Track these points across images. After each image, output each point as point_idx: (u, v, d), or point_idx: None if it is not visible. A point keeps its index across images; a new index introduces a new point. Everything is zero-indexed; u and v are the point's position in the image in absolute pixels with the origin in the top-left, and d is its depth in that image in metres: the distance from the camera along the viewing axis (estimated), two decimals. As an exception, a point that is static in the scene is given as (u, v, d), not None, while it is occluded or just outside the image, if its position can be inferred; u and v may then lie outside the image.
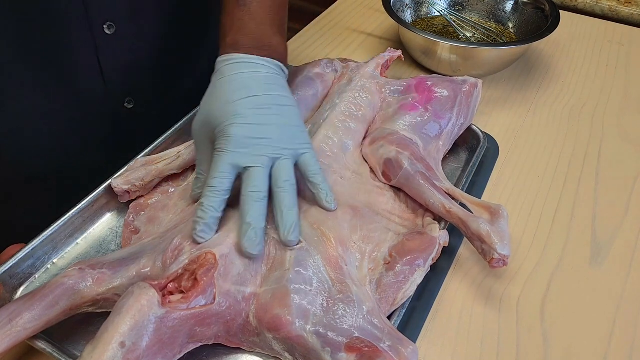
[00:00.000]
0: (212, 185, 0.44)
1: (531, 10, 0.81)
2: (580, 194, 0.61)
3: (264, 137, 0.45)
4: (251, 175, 0.44)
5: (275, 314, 0.40)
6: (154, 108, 0.66)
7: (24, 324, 0.39)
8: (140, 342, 0.35)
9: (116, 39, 0.56)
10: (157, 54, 0.62)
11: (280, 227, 0.44)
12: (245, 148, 0.45)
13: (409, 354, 0.39)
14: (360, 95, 0.61)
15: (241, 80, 0.48)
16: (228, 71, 0.49)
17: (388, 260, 0.46)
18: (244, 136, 0.45)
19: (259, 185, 0.44)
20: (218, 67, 0.50)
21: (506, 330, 0.47)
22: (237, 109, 0.46)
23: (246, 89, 0.47)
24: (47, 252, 0.49)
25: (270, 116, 0.47)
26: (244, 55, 0.49)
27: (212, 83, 0.50)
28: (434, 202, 0.50)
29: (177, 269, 0.40)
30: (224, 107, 0.46)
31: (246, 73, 0.48)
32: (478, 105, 0.63)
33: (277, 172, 0.45)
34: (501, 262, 0.46)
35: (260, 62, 0.49)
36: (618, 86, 0.79)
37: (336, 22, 0.92)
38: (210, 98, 0.48)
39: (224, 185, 0.44)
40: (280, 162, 0.45)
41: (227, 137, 0.45)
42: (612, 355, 0.46)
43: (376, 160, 0.55)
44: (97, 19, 0.54)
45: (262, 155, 0.45)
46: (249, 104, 0.46)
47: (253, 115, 0.46)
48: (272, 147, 0.45)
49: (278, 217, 0.44)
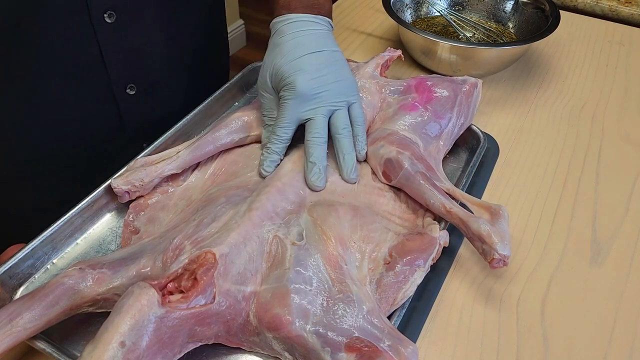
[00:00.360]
0: (278, 134, 0.53)
1: (531, 10, 0.81)
2: (580, 194, 0.61)
3: (324, 90, 0.52)
4: (313, 123, 0.52)
5: (275, 314, 0.40)
6: (156, 94, 0.68)
7: (24, 324, 0.39)
8: (140, 341, 0.35)
9: (116, 27, 0.58)
10: (157, 41, 0.64)
11: (343, 168, 0.53)
12: (308, 101, 0.52)
13: (409, 354, 0.39)
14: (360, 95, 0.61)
15: (300, 38, 0.54)
16: (287, 30, 0.55)
17: (388, 260, 0.46)
18: (307, 90, 0.52)
19: (320, 132, 0.52)
20: (277, 27, 0.56)
21: (506, 330, 0.47)
22: (300, 65, 0.52)
23: (305, 46, 0.54)
24: (46, 252, 0.49)
25: (327, 71, 0.53)
26: (298, 15, 0.55)
27: (272, 42, 0.56)
28: (435, 202, 0.50)
29: (177, 268, 0.40)
30: (288, 63, 0.53)
31: (303, 31, 0.55)
32: (478, 105, 0.63)
33: (336, 120, 0.53)
34: (501, 263, 0.46)
35: (313, 20, 0.56)
36: (618, 86, 0.79)
37: (336, 22, 0.92)
38: (274, 54, 0.55)
39: (287, 135, 0.53)
40: (337, 112, 0.53)
41: (293, 91, 0.52)
42: (612, 355, 0.46)
43: (376, 161, 0.55)
44: (97, 8, 0.55)
45: (322, 107, 0.52)
46: (309, 60, 0.53)
47: (313, 71, 0.53)
48: (330, 99, 0.53)
49: (340, 159, 0.53)
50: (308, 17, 0.55)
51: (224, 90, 0.67)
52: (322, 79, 0.53)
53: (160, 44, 0.64)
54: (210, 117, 0.66)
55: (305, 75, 0.52)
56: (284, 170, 0.53)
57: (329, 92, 0.53)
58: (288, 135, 0.53)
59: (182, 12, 0.66)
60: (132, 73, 0.63)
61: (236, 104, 0.70)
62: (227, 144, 0.58)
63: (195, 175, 0.57)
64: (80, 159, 0.65)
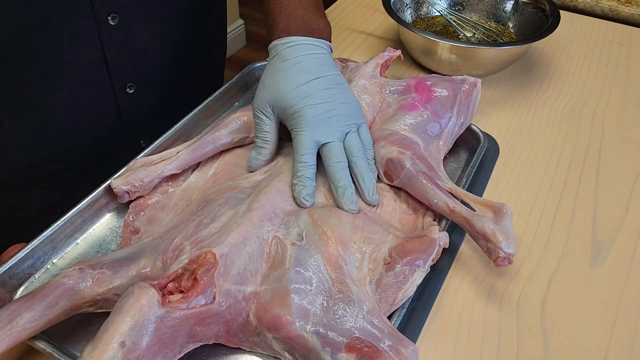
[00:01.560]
0: (303, 161, 0.51)
1: (531, 10, 0.81)
2: (580, 194, 0.61)
3: (334, 115, 0.52)
4: (332, 149, 0.51)
5: (275, 314, 0.40)
6: (154, 92, 0.68)
7: (24, 324, 0.39)
8: (140, 341, 0.35)
9: (119, 29, 0.58)
10: (158, 42, 0.65)
11: (365, 191, 0.52)
12: (321, 126, 0.51)
13: (409, 354, 0.39)
14: (360, 95, 0.61)
15: (303, 64, 0.53)
16: (289, 54, 0.53)
17: (388, 261, 0.46)
18: (317, 115, 0.51)
19: (340, 156, 0.51)
20: (277, 50, 0.54)
21: (506, 330, 0.47)
22: (307, 91, 0.51)
23: (309, 72, 0.53)
24: (46, 252, 0.49)
25: (334, 95, 0.53)
26: (300, 38, 0.54)
27: (273, 65, 0.54)
28: (438, 202, 0.50)
29: (177, 268, 0.40)
30: (293, 90, 0.51)
31: (305, 55, 0.53)
32: (478, 105, 0.63)
33: (350, 143, 0.52)
34: (506, 261, 0.46)
35: (315, 44, 0.55)
36: (618, 86, 0.79)
37: (336, 22, 0.92)
38: (277, 80, 0.53)
39: (312, 160, 0.51)
40: (350, 135, 0.52)
41: (304, 118, 0.51)
42: (612, 355, 0.46)
43: (378, 161, 0.55)
44: (102, 11, 0.56)
45: (336, 131, 0.52)
46: (316, 86, 0.52)
47: (321, 96, 0.52)
48: (341, 122, 0.52)
49: (360, 182, 0.52)
50: (310, 40, 0.54)
51: (224, 90, 0.67)
52: (330, 104, 0.52)
53: (159, 44, 0.65)
54: (210, 117, 0.66)
55: (312, 101, 0.51)
56: (283, 171, 0.53)
57: (340, 116, 0.52)
58: (313, 160, 0.51)
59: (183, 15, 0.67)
60: (132, 72, 0.64)
61: (236, 104, 0.70)
62: (227, 144, 0.58)
63: (195, 176, 0.57)
64: (80, 158, 0.66)
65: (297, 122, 0.51)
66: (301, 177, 0.50)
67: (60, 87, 0.58)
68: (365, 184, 0.52)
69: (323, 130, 0.51)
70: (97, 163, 0.63)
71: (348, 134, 0.52)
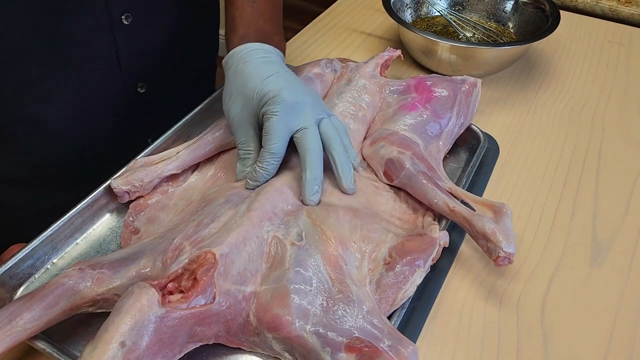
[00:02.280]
0: (271, 151, 0.49)
1: (531, 10, 0.81)
2: (580, 194, 0.61)
3: (309, 102, 0.51)
4: (306, 134, 0.50)
5: (275, 314, 0.40)
6: (164, 92, 0.69)
7: (24, 324, 0.39)
8: (140, 341, 0.35)
9: (132, 28, 0.59)
10: (168, 42, 0.66)
11: (342, 179, 0.51)
12: (296, 111, 0.50)
13: (409, 354, 0.39)
14: (360, 95, 0.61)
15: (264, 61, 0.53)
16: (250, 56, 0.53)
17: (388, 261, 0.46)
18: (292, 100, 0.50)
19: (315, 144, 0.50)
20: (238, 54, 0.54)
21: (506, 330, 0.47)
22: (277, 80, 0.51)
23: (273, 66, 0.53)
24: (47, 252, 0.49)
25: (301, 86, 0.53)
26: (259, 44, 0.54)
27: (233, 69, 0.54)
28: (438, 202, 0.50)
29: (177, 268, 0.40)
30: (262, 82, 0.51)
31: (266, 57, 0.54)
32: (478, 105, 0.63)
33: (325, 131, 0.51)
34: (506, 260, 0.46)
35: (272, 50, 0.55)
36: (618, 86, 0.79)
37: (336, 22, 0.92)
38: (241, 80, 0.52)
39: (281, 150, 0.50)
40: (323, 122, 0.52)
41: (279, 103, 0.49)
42: (612, 355, 0.46)
43: (377, 161, 0.55)
44: (116, 10, 0.57)
45: (311, 117, 0.51)
46: (284, 77, 0.52)
47: (291, 86, 0.51)
48: (314, 109, 0.51)
49: (338, 170, 0.51)
50: (268, 46, 0.55)
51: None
52: (303, 92, 0.52)
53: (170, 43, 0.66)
54: (210, 117, 0.66)
55: (288, 86, 0.51)
56: (283, 171, 0.53)
57: (313, 103, 0.52)
58: (281, 150, 0.50)
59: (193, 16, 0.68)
60: (143, 72, 0.65)
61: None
62: (227, 144, 0.58)
63: (195, 176, 0.57)
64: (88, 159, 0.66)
65: (271, 109, 0.50)
66: (264, 168, 0.50)
67: (74, 86, 0.59)
68: (344, 173, 0.51)
69: (298, 114, 0.50)
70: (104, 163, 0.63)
71: (322, 120, 0.52)
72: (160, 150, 0.58)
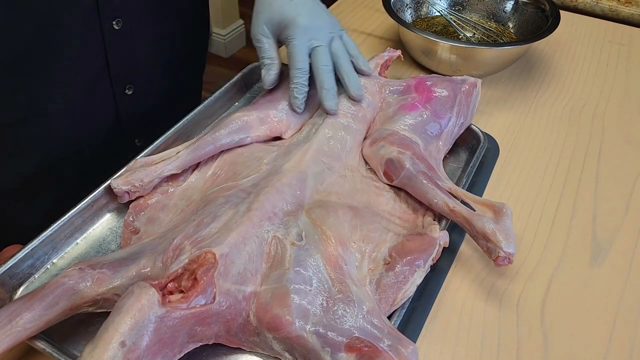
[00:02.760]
0: (298, 67, 0.58)
1: (531, 10, 0.81)
2: (580, 194, 0.61)
3: (321, 23, 0.60)
4: (319, 52, 0.58)
5: (275, 314, 0.40)
6: (152, 93, 0.70)
7: (24, 324, 0.39)
8: (141, 341, 0.35)
9: (123, 34, 0.60)
10: (157, 46, 0.67)
11: (350, 87, 0.59)
12: (311, 32, 0.58)
13: (409, 354, 0.39)
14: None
15: None
16: None
17: (388, 261, 0.46)
18: (308, 24, 0.58)
19: (326, 60, 0.59)
20: None
21: (506, 330, 0.47)
22: (297, 6, 0.59)
23: None
24: (46, 252, 0.49)
25: (318, 9, 0.61)
26: None
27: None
28: (438, 202, 0.50)
29: (177, 268, 0.40)
30: (284, 6, 0.59)
31: None
32: (478, 105, 0.63)
33: (335, 48, 0.60)
34: (506, 260, 0.46)
35: None
36: (618, 86, 0.79)
37: (336, 22, 0.92)
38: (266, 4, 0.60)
39: (307, 66, 0.59)
40: (335, 41, 0.60)
41: (298, 27, 0.58)
42: (612, 355, 0.46)
43: (377, 161, 0.55)
44: (107, 16, 0.58)
45: (324, 36, 0.59)
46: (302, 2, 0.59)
47: (308, 10, 0.59)
48: (327, 29, 0.60)
49: (346, 81, 0.59)
50: None
51: (224, 90, 0.67)
52: (317, 15, 0.60)
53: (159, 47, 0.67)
54: (210, 117, 0.66)
55: (303, 12, 0.58)
56: (282, 171, 0.53)
57: (325, 24, 0.60)
58: (305, 65, 0.58)
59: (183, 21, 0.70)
60: (132, 75, 0.65)
61: (236, 104, 0.70)
62: (227, 144, 0.58)
63: (195, 176, 0.57)
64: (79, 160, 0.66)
65: (292, 31, 0.58)
66: (298, 83, 0.59)
67: (63, 92, 0.59)
68: (350, 81, 0.59)
69: (313, 34, 0.58)
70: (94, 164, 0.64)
71: (333, 39, 0.60)
72: (160, 150, 0.58)
